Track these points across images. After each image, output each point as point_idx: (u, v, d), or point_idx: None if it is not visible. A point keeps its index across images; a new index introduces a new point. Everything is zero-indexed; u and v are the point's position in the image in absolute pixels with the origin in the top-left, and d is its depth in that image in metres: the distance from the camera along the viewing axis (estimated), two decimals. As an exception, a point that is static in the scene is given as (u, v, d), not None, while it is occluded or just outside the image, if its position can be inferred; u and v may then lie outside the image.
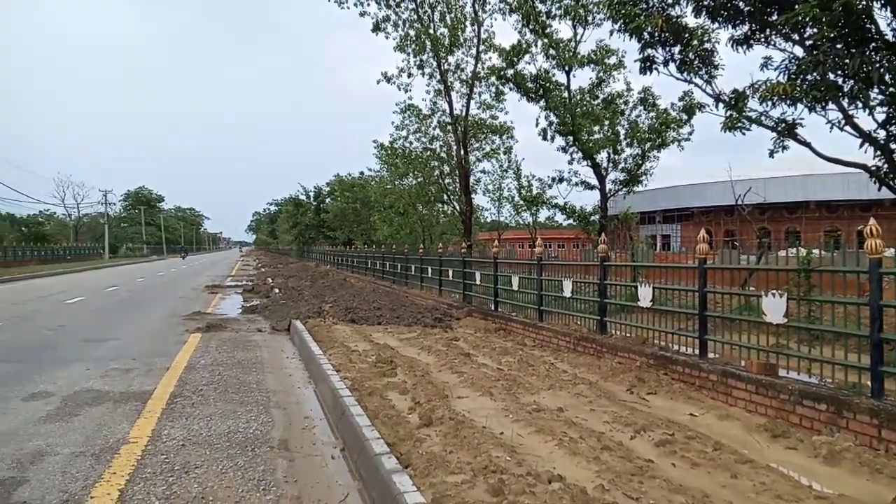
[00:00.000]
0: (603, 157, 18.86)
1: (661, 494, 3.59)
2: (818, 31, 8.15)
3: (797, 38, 9.03)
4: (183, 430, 5.28)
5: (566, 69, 18.55)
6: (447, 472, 3.84)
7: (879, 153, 8.73)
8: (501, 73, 19.86)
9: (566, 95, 18.69)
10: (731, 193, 18.50)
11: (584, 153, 18.34)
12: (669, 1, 10.15)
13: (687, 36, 10.07)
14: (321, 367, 7.26)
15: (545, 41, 18.39)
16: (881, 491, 3.77)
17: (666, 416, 5.38)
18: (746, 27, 9.58)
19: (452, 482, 3.66)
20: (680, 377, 6.53)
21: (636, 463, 4.09)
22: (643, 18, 9.92)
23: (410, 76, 22.98)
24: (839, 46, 8.13)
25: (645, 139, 18.16)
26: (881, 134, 8.67)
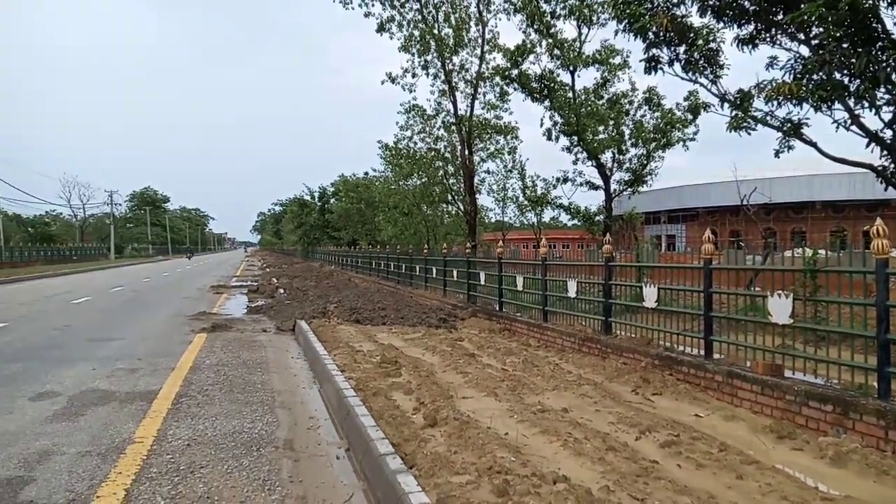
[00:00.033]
0: (608, 157, 18.82)
1: (666, 495, 3.58)
2: (824, 30, 8.13)
3: (803, 37, 9.00)
4: (188, 429, 5.30)
5: (571, 69, 18.51)
6: (452, 472, 3.85)
7: (886, 153, 8.69)
8: (506, 73, 19.84)
9: (571, 95, 18.65)
10: (736, 193, 18.42)
11: (588, 153, 18.31)
12: (674, 0, 10.13)
13: (692, 36, 10.04)
14: (326, 367, 7.27)
15: (550, 41, 18.37)
16: (888, 493, 3.75)
17: (671, 416, 5.37)
18: (752, 27, 9.55)
19: (457, 482, 3.66)
20: (685, 378, 6.52)
21: (641, 464, 4.08)
22: (648, 18, 9.90)
23: (415, 76, 23.01)
24: (845, 46, 8.10)
25: (650, 139, 18.11)
26: (888, 133, 8.63)
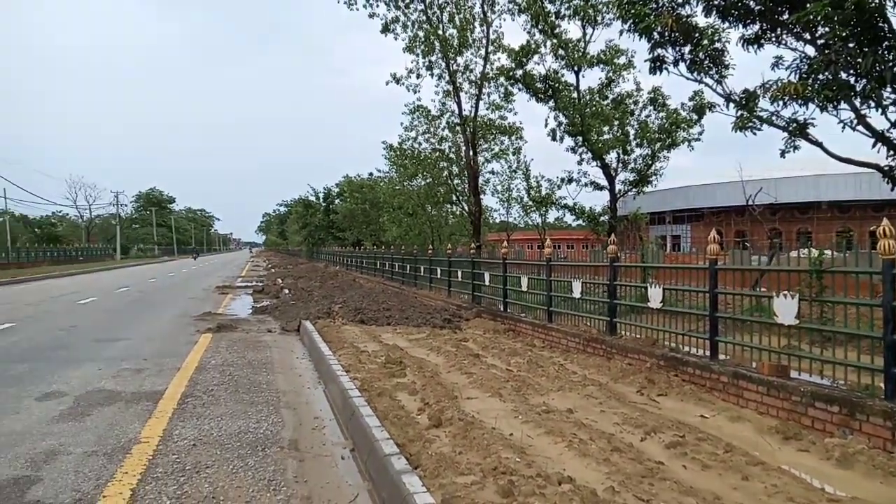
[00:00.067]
0: (612, 157, 18.82)
1: (671, 496, 3.57)
2: (830, 30, 8.10)
3: (809, 37, 8.97)
4: (194, 430, 5.31)
5: (575, 69, 18.51)
6: (457, 473, 3.85)
7: (892, 153, 8.67)
8: (510, 73, 19.85)
9: (575, 96, 18.65)
10: (741, 194, 18.38)
11: (593, 154, 18.30)
12: (679, 0, 10.11)
13: (697, 36, 10.03)
14: (331, 367, 7.28)
15: (554, 41, 18.37)
16: (895, 494, 3.73)
17: (676, 417, 5.36)
18: (757, 26, 9.53)
19: (462, 483, 3.66)
20: (690, 378, 6.50)
21: (646, 465, 4.07)
22: (653, 18, 9.90)
23: (419, 77, 23.03)
24: (851, 45, 8.07)
25: (655, 139, 18.10)
26: (894, 133, 8.60)
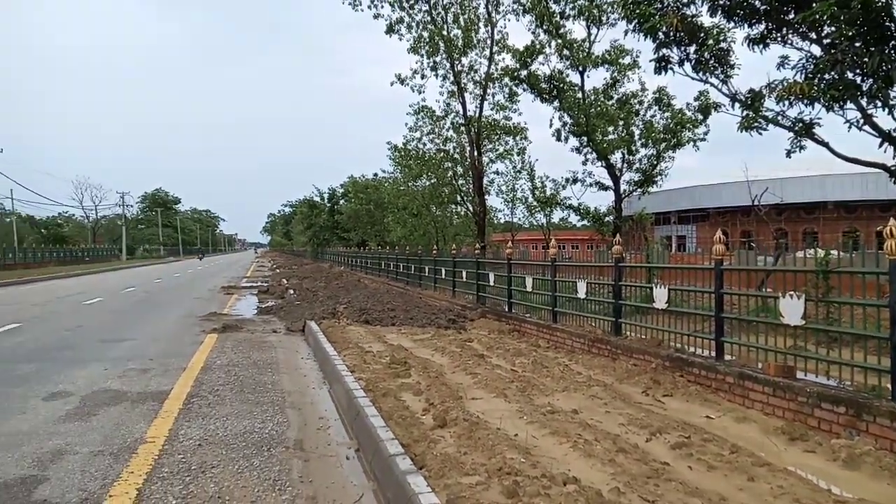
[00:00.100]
0: (617, 157, 18.76)
1: (677, 497, 3.57)
2: (836, 29, 8.07)
3: (814, 36, 8.93)
4: (200, 429, 5.33)
5: (580, 69, 18.48)
6: (462, 473, 3.85)
7: (899, 152, 8.62)
8: (515, 73, 19.82)
9: (580, 96, 18.61)
10: (747, 194, 18.31)
11: (598, 154, 18.26)
12: (684, 0, 10.09)
13: (702, 35, 10.00)
14: (336, 367, 7.29)
15: (559, 42, 18.34)
16: (902, 495, 3.72)
17: (682, 418, 5.35)
18: (763, 26, 9.50)
19: (467, 483, 3.66)
20: (696, 379, 6.48)
21: (652, 465, 4.06)
22: (658, 18, 9.87)
23: (424, 77, 23.03)
24: (858, 45, 8.04)
25: (660, 139, 18.03)
26: (901, 133, 8.56)
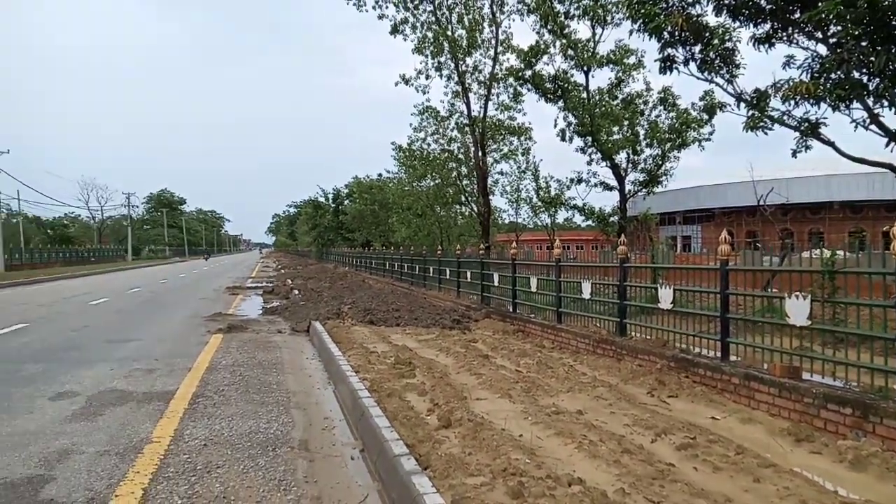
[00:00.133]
0: (622, 157, 18.69)
1: (682, 498, 3.56)
2: (842, 28, 8.03)
3: (820, 36, 8.90)
4: (205, 429, 5.34)
5: (585, 69, 18.43)
6: (466, 473, 3.85)
7: (906, 152, 8.57)
8: (519, 73, 19.78)
9: (585, 96, 18.57)
10: (752, 194, 18.23)
11: (602, 154, 18.21)
12: (689, 0, 10.07)
13: (707, 35, 9.97)
14: (340, 368, 7.30)
15: (563, 41, 18.30)
16: (909, 497, 3.69)
17: (687, 419, 5.33)
18: (768, 25, 9.47)
19: (472, 484, 3.66)
20: (701, 380, 6.46)
21: (657, 466, 4.05)
22: (663, 18, 9.85)
23: (428, 78, 22.99)
24: (864, 44, 8.00)
25: (665, 139, 17.97)
26: (908, 132, 8.51)
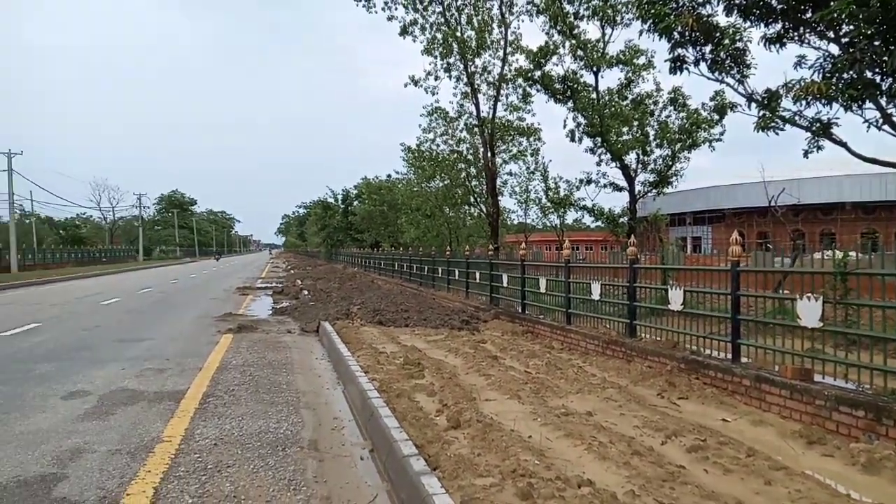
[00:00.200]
0: (632, 158, 18.62)
1: (692, 501, 3.54)
2: (854, 27, 7.97)
3: (832, 35, 8.83)
4: (215, 429, 5.37)
5: (594, 70, 18.39)
6: (475, 474, 3.85)
7: (920, 152, 8.49)
8: (528, 74, 19.77)
9: (594, 96, 18.52)
10: (763, 194, 18.09)
11: (612, 154, 18.16)
12: (700, 0, 10.02)
13: (718, 35, 9.92)
14: (349, 368, 7.32)
15: (573, 42, 18.27)
16: (923, 501, 3.66)
17: (697, 421, 5.31)
18: (779, 25, 9.40)
19: (481, 485, 3.66)
20: (712, 382, 6.43)
21: (667, 468, 4.04)
22: (673, 18, 9.81)
23: (437, 79, 23.08)
24: (877, 43, 7.94)
25: (675, 140, 17.89)
26: (922, 133, 8.43)
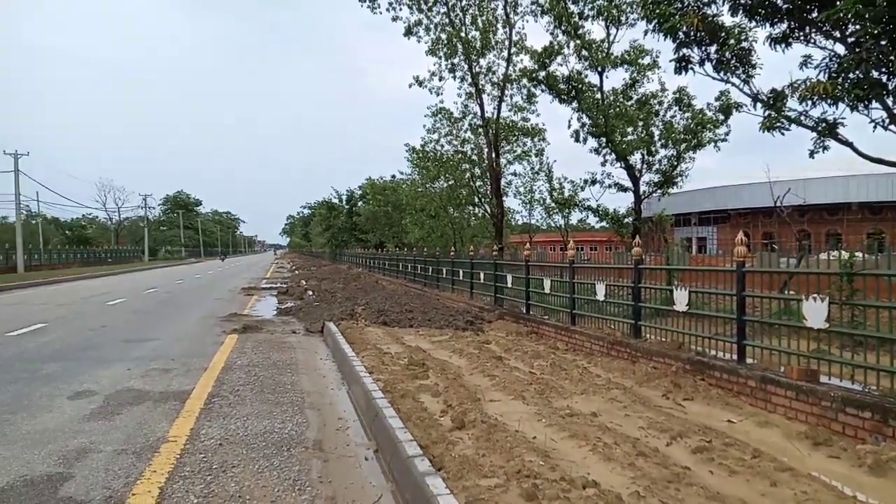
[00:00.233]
0: (637, 158, 18.62)
1: (698, 502, 3.53)
2: (861, 27, 7.95)
3: (838, 35, 8.80)
4: (220, 429, 5.39)
5: (599, 70, 18.37)
6: (480, 475, 3.84)
7: (927, 152, 8.45)
8: (533, 74, 19.78)
9: (599, 96, 18.52)
10: (769, 195, 18.06)
11: (617, 155, 18.14)
12: (705, 0, 10.01)
13: (723, 35, 9.91)
14: (354, 368, 7.33)
15: (577, 42, 18.26)
16: (930, 503, 3.64)
17: (703, 422, 5.29)
18: (785, 25, 9.38)
19: (486, 486, 3.66)
20: (717, 383, 6.41)
21: (672, 470, 4.02)
22: (678, 18, 9.80)
23: (442, 79, 23.09)
24: (883, 43, 7.91)
25: (680, 140, 17.87)
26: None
